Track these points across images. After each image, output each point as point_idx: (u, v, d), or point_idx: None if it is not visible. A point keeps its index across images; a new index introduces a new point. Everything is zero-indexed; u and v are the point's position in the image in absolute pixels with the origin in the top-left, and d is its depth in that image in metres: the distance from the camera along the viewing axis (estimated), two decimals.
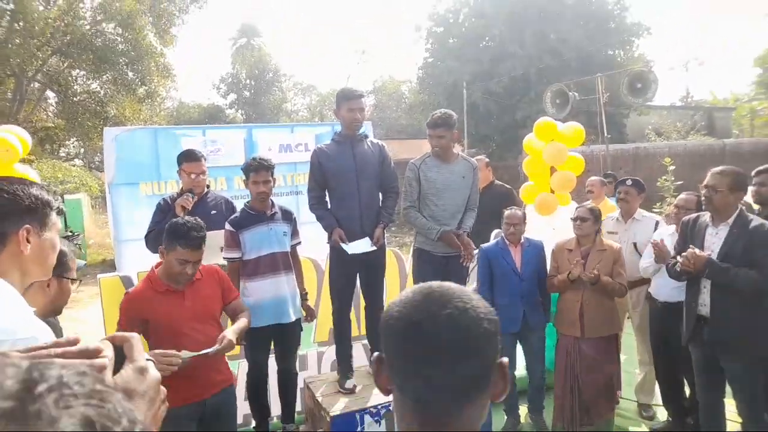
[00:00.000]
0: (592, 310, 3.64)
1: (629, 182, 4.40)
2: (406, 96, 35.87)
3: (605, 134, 10.30)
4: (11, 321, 1.21)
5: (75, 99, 18.72)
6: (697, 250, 3.07)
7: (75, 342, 0.70)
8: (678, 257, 3.22)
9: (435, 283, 0.90)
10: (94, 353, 0.70)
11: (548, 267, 3.95)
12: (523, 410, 4.18)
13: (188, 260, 2.60)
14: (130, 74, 18.67)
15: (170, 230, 2.62)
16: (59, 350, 0.68)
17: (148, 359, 0.77)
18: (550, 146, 5.05)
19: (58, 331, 2.13)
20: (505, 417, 4.08)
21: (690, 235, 3.31)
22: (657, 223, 4.35)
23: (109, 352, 0.72)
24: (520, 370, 4.22)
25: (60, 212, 1.46)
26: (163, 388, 0.78)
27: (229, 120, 31.97)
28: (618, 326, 3.82)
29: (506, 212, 3.95)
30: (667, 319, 3.76)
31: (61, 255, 1.99)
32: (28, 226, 1.34)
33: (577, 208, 3.88)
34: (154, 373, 0.76)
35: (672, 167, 9.62)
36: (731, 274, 2.98)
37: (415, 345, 0.82)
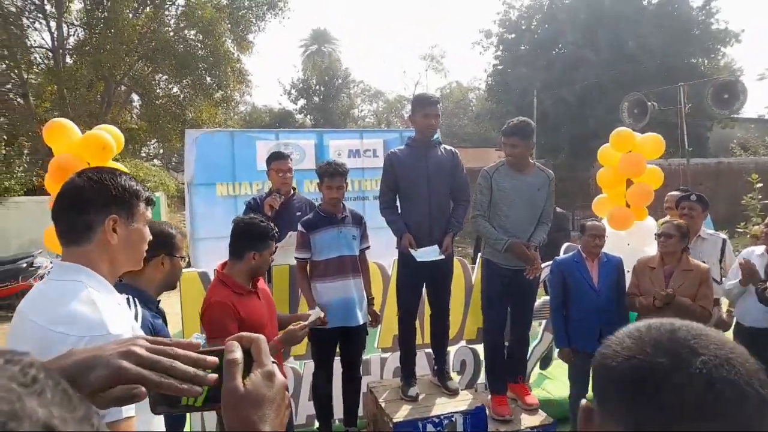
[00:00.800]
0: None
1: (693, 197, 4.13)
2: (473, 104, 35.58)
3: (686, 147, 9.80)
4: (108, 316, 1.24)
5: (157, 102, 19.74)
6: None
7: (196, 346, 0.72)
8: None
9: (676, 321, 0.70)
10: (207, 364, 0.70)
11: (627, 284, 3.77)
12: None
13: (273, 251, 2.78)
14: (208, 79, 19.48)
15: (256, 233, 2.71)
16: (178, 350, 0.70)
17: (272, 362, 0.75)
18: (626, 157, 4.84)
19: (163, 317, 2.27)
20: None
21: None
22: (725, 242, 4.09)
23: (238, 353, 0.72)
24: (591, 393, 4.06)
25: (149, 202, 1.47)
26: (287, 393, 0.76)
27: (298, 125, 32.79)
28: None
29: (589, 223, 3.79)
30: (754, 345, 3.48)
31: (170, 236, 2.18)
32: (114, 216, 1.35)
33: (663, 224, 3.68)
34: (280, 378, 0.74)
35: (759, 184, 9.02)
36: None
37: (656, 400, 0.61)
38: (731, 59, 21.68)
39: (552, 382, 4.75)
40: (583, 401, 0.75)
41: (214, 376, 0.69)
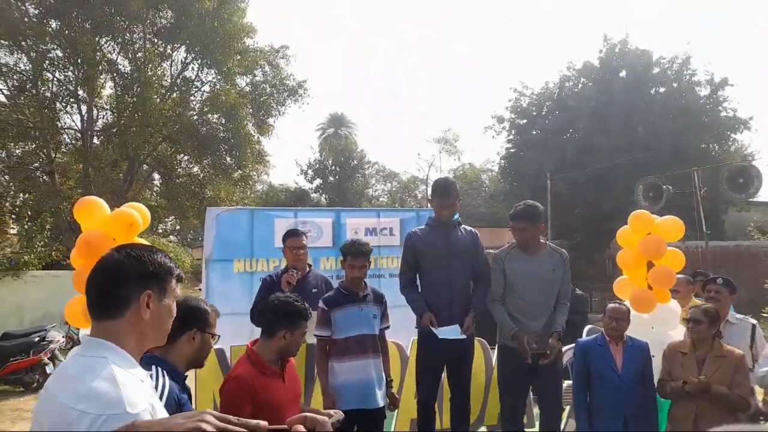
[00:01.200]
0: (707, 424, 3.24)
1: (720, 281, 4.08)
2: (486, 184, 36.11)
3: (704, 230, 9.77)
4: (127, 394, 1.24)
5: (177, 181, 20.33)
6: None
7: (263, 428, 0.69)
8: None
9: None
10: None
11: (654, 368, 3.64)
12: None
13: (305, 332, 2.72)
14: (228, 159, 20.14)
15: (290, 311, 2.68)
16: None
17: None
18: (646, 239, 4.83)
19: (189, 395, 2.23)
20: None
21: None
22: (754, 327, 3.98)
23: None
24: None
25: (179, 279, 1.51)
26: None
27: (314, 203, 33.39)
28: None
29: (609, 305, 3.73)
30: None
31: (203, 312, 2.17)
32: (149, 291, 1.38)
33: (691, 309, 3.59)
34: None
35: None
36: None
37: None
38: (742, 144, 22.06)
39: None
40: None
41: None
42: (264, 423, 0.69)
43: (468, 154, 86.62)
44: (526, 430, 3.91)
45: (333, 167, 34.75)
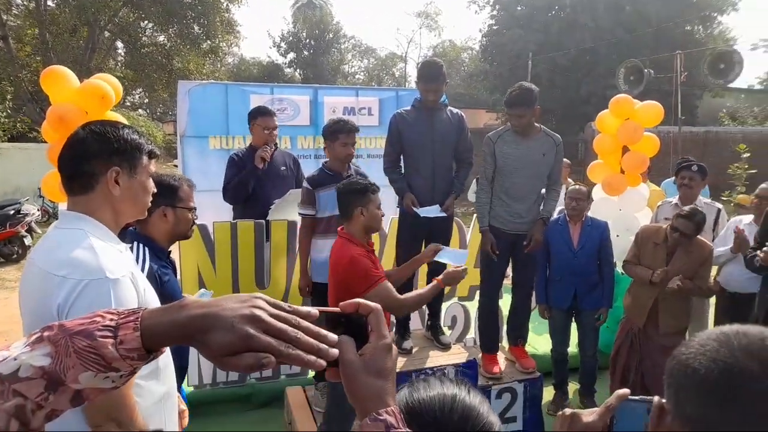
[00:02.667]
0: (667, 308, 3.45)
1: (695, 168, 4.18)
2: (465, 64, 35.15)
3: (679, 115, 9.85)
4: (106, 262, 1.31)
5: (143, 50, 19.19)
6: None
7: (313, 317, 0.68)
8: (759, 252, 3.11)
9: (755, 327, 0.72)
10: (327, 341, 0.66)
11: (617, 247, 3.85)
12: (572, 387, 4.20)
13: (379, 204, 2.73)
14: (196, 29, 18.95)
15: (355, 189, 2.69)
16: (301, 321, 0.66)
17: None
18: (625, 124, 4.88)
19: (173, 268, 2.29)
20: (554, 391, 4.11)
21: None
22: (719, 212, 4.20)
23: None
24: (572, 347, 4.21)
25: (152, 155, 1.52)
26: None
27: (287, 78, 32.22)
28: (687, 320, 3.58)
29: (570, 187, 3.89)
30: (737, 310, 3.64)
31: (171, 188, 2.15)
32: (116, 168, 1.40)
33: (679, 219, 3.37)
34: (396, 350, 0.73)
35: (747, 154, 9.15)
36: None
37: (742, 403, 0.64)
38: (726, 27, 21.62)
39: (537, 337, 4.89)
40: (656, 398, 0.76)
41: (336, 351, 0.67)
42: (315, 311, 0.68)
43: (449, 30, 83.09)
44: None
45: (307, 40, 33.10)
